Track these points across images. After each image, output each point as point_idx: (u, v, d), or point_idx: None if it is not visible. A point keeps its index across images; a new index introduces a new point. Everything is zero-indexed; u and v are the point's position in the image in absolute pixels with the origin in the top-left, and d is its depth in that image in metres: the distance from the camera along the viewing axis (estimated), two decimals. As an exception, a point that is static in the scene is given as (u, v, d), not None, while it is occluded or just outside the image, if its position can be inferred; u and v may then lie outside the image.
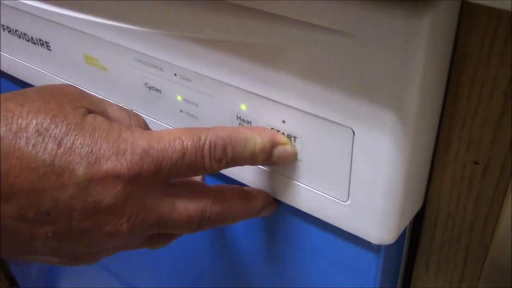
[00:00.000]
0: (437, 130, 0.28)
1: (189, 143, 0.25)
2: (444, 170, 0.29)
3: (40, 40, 0.39)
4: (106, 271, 0.60)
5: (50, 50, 0.39)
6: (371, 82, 0.24)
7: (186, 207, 0.26)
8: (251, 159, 0.27)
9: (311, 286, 0.36)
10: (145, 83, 0.34)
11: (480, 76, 0.26)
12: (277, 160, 0.28)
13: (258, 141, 0.27)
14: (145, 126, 0.30)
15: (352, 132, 0.27)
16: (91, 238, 0.25)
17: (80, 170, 0.23)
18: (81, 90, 0.28)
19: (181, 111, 0.34)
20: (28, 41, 0.40)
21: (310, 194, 0.31)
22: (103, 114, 0.27)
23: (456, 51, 0.26)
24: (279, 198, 0.33)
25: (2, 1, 0.40)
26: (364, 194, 0.28)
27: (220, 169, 0.27)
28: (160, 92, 0.34)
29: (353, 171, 0.28)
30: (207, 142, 0.26)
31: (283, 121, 0.29)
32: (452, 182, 0.30)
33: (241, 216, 0.29)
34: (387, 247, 0.31)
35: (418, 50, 0.23)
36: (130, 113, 0.29)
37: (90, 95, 0.28)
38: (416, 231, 0.34)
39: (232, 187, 0.29)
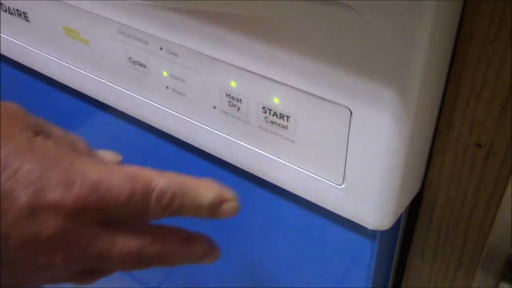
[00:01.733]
0: (438, 110, 0.27)
1: (139, 186, 0.24)
2: (445, 153, 0.28)
3: (17, 10, 0.37)
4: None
5: (28, 21, 0.37)
6: (372, 58, 0.23)
7: (125, 244, 0.24)
8: (196, 212, 0.26)
9: (304, 272, 0.35)
10: (129, 57, 0.32)
11: (486, 55, 0.24)
12: (221, 215, 0.27)
13: (207, 195, 0.26)
14: (89, 152, 0.28)
15: (349, 112, 0.25)
16: (21, 270, 0.23)
17: (23, 197, 0.22)
18: (24, 110, 0.26)
19: (167, 87, 0.32)
20: (5, 11, 0.38)
21: (303, 176, 0.29)
22: (49, 136, 0.25)
23: (462, 28, 0.24)
24: (271, 181, 0.31)
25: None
26: (360, 178, 0.27)
27: (163, 218, 0.25)
28: (145, 67, 0.32)
29: (349, 153, 0.26)
30: (158, 188, 0.24)
31: (275, 99, 0.27)
32: (452, 165, 0.28)
33: (180, 259, 0.27)
34: (383, 232, 0.30)
35: (422, 24, 0.21)
36: (75, 138, 0.27)
37: (34, 116, 0.26)
38: (412, 215, 0.32)
39: (175, 228, 0.28)
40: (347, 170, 0.27)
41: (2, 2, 0.38)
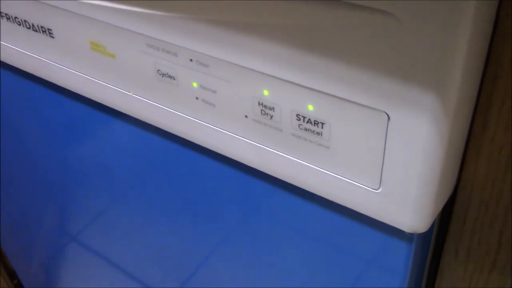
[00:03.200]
0: (473, 111, 0.27)
1: None
2: (479, 153, 0.28)
3: (42, 27, 0.37)
4: (107, 265, 0.59)
5: (53, 37, 0.37)
6: (411, 63, 0.23)
7: None
8: None
9: (338, 277, 0.35)
10: (158, 70, 0.33)
11: (521, 54, 0.24)
12: None
13: None
14: None
15: (387, 116, 0.25)
16: None
17: None
18: None
19: (197, 98, 0.32)
20: (29, 28, 0.38)
21: (338, 182, 0.29)
22: None
23: (497, 28, 0.24)
24: (304, 188, 0.31)
25: (-1, -13, 0.37)
26: (398, 181, 0.27)
27: None
28: (174, 79, 0.32)
29: (386, 158, 0.26)
30: None
31: (310, 106, 0.27)
32: (487, 165, 0.28)
33: None
34: (419, 234, 0.30)
35: (461, 28, 0.21)
36: None
37: None
38: (445, 215, 0.32)
39: None
40: (384, 174, 0.27)
41: (26, 19, 0.38)
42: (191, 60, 0.30)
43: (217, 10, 0.28)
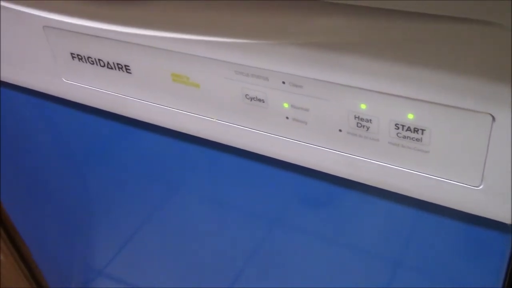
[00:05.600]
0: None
1: None
2: None
3: (118, 64, 0.39)
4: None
5: (130, 73, 0.39)
6: (519, 66, 0.25)
7: None
8: None
9: (438, 273, 0.36)
10: (246, 95, 0.34)
11: None
12: None
13: None
14: None
15: (491, 118, 0.27)
16: None
17: None
18: None
19: (287, 118, 0.34)
20: (103, 66, 0.40)
21: (436, 184, 0.31)
22: None
23: None
24: (400, 192, 0.33)
25: (71, 29, 0.39)
26: (500, 177, 0.29)
27: None
28: (263, 102, 0.34)
29: (489, 156, 0.28)
30: None
31: (410, 115, 0.29)
32: None
33: None
34: (513, 226, 0.31)
35: None
36: None
37: None
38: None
39: None
40: (486, 171, 0.29)
41: (100, 58, 0.39)
42: (283, 82, 0.32)
43: (309, 33, 0.30)
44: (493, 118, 0.27)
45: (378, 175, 0.33)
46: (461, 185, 0.30)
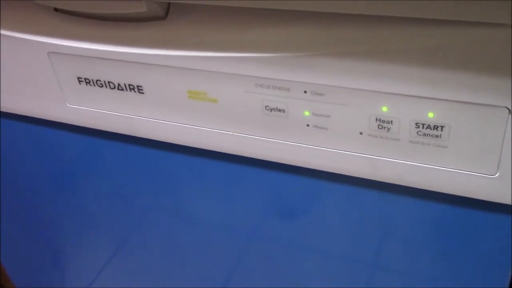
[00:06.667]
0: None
1: None
2: None
3: (130, 85, 0.39)
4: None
5: (142, 93, 0.39)
6: (533, 62, 0.27)
7: None
8: None
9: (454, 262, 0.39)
10: (266, 106, 0.36)
11: None
12: None
13: None
14: None
15: (507, 111, 0.30)
16: None
17: None
18: None
19: (307, 125, 0.35)
20: (113, 88, 0.40)
21: (455, 176, 0.33)
22: None
23: None
24: (419, 187, 0.35)
25: (80, 53, 0.39)
26: (514, 164, 0.31)
27: None
28: (284, 112, 0.35)
29: (504, 146, 0.31)
30: None
31: (430, 114, 0.32)
32: None
33: None
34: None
35: None
36: None
37: None
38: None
39: None
40: (502, 160, 0.32)
41: (111, 80, 0.40)
42: (305, 92, 0.34)
43: (328, 43, 0.31)
44: (509, 111, 0.30)
45: (399, 173, 0.35)
46: (479, 175, 0.33)
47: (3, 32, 0.41)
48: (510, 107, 0.29)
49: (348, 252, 0.43)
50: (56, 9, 0.40)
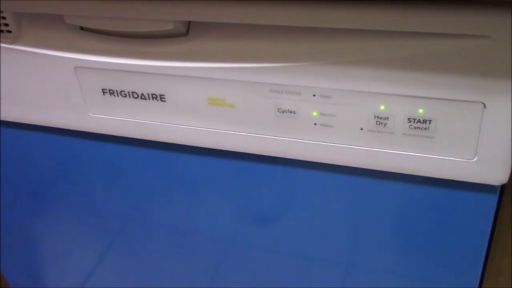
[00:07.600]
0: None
1: None
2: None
3: (153, 94, 0.44)
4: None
5: (164, 101, 0.44)
6: (504, 67, 0.34)
7: None
8: None
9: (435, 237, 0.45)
10: (278, 109, 0.41)
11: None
12: None
13: None
14: None
15: (483, 105, 0.36)
16: None
17: None
18: None
19: (315, 124, 0.41)
20: (137, 98, 0.45)
21: (439, 162, 0.40)
22: None
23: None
24: (410, 173, 0.41)
25: (107, 68, 0.43)
26: (489, 150, 0.38)
27: None
28: (294, 113, 0.41)
29: (481, 134, 0.38)
30: None
31: (420, 110, 0.38)
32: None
33: None
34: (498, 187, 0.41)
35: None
36: None
37: None
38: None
39: None
40: (479, 146, 0.38)
41: (134, 91, 0.44)
42: (314, 95, 0.40)
43: (335, 54, 0.38)
44: (484, 105, 0.36)
45: (394, 162, 0.41)
46: (460, 160, 0.39)
47: (30, 49, 0.45)
48: (484, 103, 0.36)
49: (350, 236, 0.50)
50: (81, 28, 0.44)
